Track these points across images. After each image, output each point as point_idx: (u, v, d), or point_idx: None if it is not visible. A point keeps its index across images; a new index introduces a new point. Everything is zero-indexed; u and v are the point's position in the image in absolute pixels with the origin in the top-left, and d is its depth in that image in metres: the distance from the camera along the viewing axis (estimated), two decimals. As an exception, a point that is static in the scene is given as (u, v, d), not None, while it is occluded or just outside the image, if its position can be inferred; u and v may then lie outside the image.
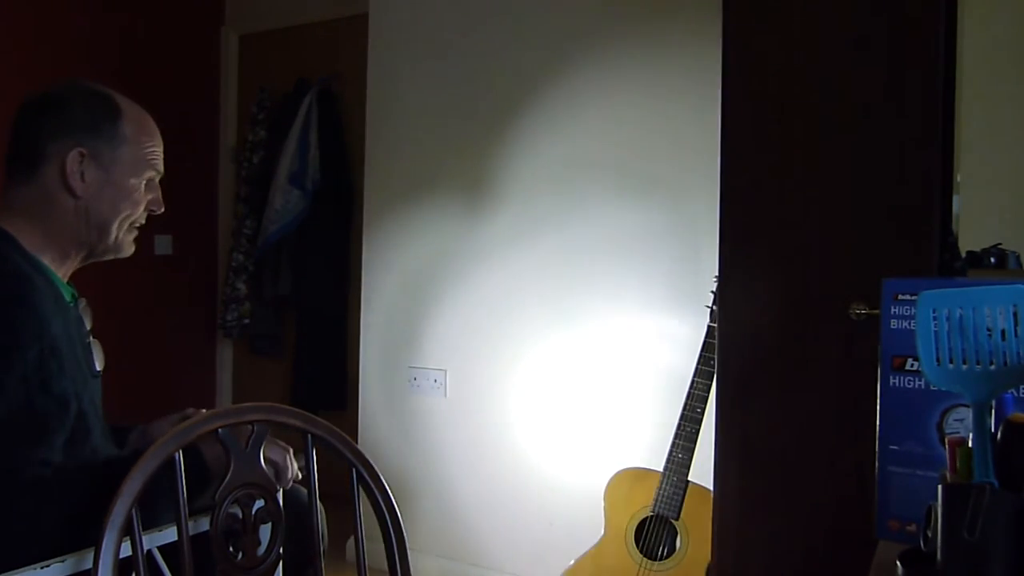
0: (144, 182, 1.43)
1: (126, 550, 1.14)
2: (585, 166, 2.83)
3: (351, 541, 3.17)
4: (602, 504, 2.40)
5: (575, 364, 2.85)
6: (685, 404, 2.30)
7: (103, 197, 1.39)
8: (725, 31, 2.03)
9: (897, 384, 1.04)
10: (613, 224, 2.78)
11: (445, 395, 3.10)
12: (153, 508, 1.21)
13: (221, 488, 1.21)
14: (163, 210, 1.48)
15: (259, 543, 1.26)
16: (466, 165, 3.07)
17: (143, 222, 1.47)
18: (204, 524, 1.23)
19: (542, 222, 2.91)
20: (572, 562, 2.42)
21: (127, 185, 1.41)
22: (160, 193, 1.47)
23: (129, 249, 1.47)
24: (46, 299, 1.30)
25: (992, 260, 1.80)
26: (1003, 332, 0.80)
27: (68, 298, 1.40)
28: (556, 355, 2.88)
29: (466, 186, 3.07)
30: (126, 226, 1.44)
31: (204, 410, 1.51)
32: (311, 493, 1.33)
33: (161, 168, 1.46)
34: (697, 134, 2.57)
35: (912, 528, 1.01)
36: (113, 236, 1.42)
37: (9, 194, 1.38)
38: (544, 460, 2.90)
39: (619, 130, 2.78)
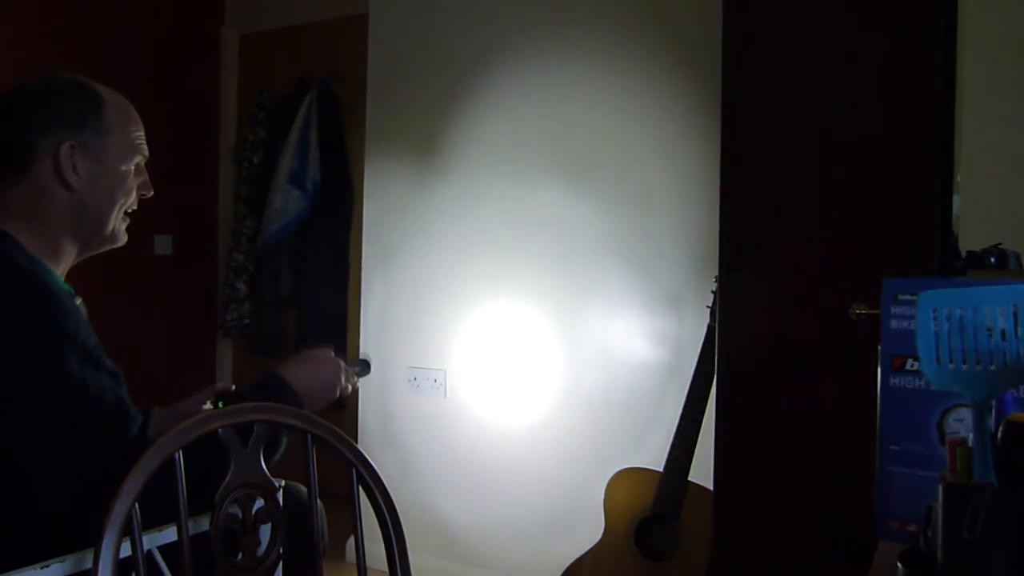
0: (133, 167, 1.44)
1: (126, 550, 1.14)
2: (587, 167, 2.83)
3: (351, 541, 3.17)
4: (602, 504, 2.40)
5: (575, 364, 2.85)
6: (685, 404, 2.30)
7: (98, 188, 1.39)
8: (725, 30, 2.03)
9: (897, 384, 1.04)
10: (613, 226, 2.78)
11: (445, 395, 3.10)
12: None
13: (221, 488, 1.21)
14: (153, 193, 1.49)
15: (259, 543, 1.26)
16: (468, 165, 3.07)
17: (135, 207, 1.47)
18: (204, 524, 1.23)
19: (541, 225, 2.91)
20: (572, 562, 2.42)
21: (119, 173, 1.41)
22: (147, 176, 1.48)
23: (123, 238, 1.47)
24: (64, 293, 1.32)
25: (992, 260, 1.80)
26: (1003, 332, 0.80)
27: None
28: (556, 355, 2.88)
29: (468, 186, 3.06)
30: (122, 214, 1.45)
31: (234, 386, 1.55)
32: (311, 493, 1.33)
33: (147, 151, 1.46)
34: (697, 135, 2.57)
35: (912, 528, 1.01)
36: (111, 227, 1.43)
37: (1, 195, 1.38)
38: (544, 460, 2.90)
39: (619, 132, 2.78)
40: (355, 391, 1.53)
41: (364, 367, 1.57)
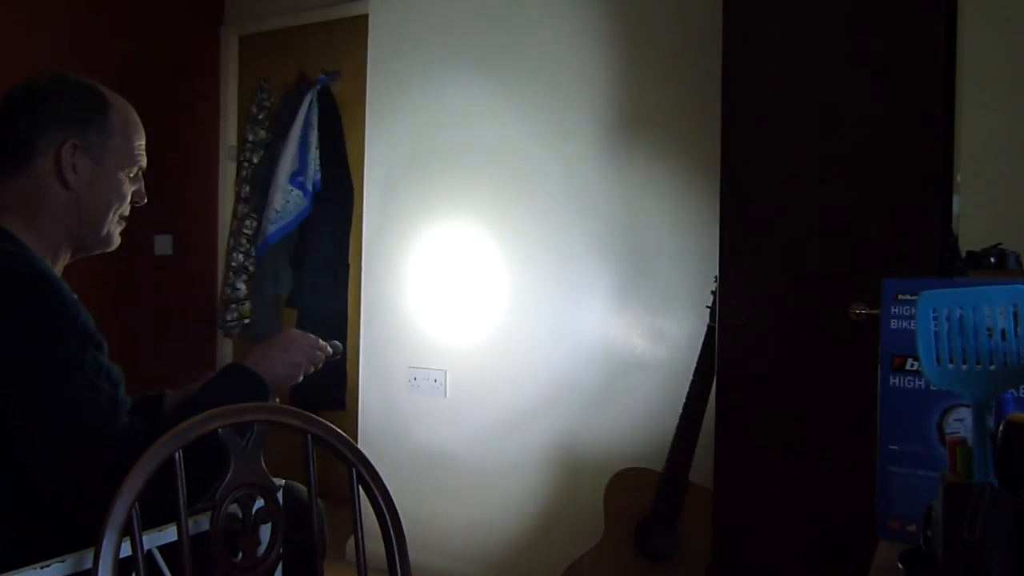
0: (131, 175, 1.45)
1: (126, 550, 1.14)
2: (587, 168, 2.83)
3: (351, 541, 3.17)
4: (602, 504, 2.40)
5: (576, 364, 2.85)
6: (685, 404, 2.30)
7: (94, 189, 1.40)
8: (725, 32, 2.03)
9: (897, 384, 1.04)
10: (612, 226, 2.78)
11: (445, 395, 3.10)
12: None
13: (221, 488, 1.21)
14: (146, 201, 1.50)
15: (259, 543, 1.26)
16: (468, 165, 3.07)
17: (127, 213, 1.48)
18: (204, 524, 1.23)
19: (540, 226, 2.91)
20: (572, 562, 2.42)
21: (116, 178, 1.43)
22: (143, 185, 1.49)
23: (116, 241, 1.48)
24: (61, 280, 1.33)
25: (992, 260, 1.80)
26: (1003, 332, 0.80)
27: None
28: (557, 355, 2.88)
29: (468, 187, 3.06)
30: (116, 219, 1.45)
31: None
32: (311, 493, 1.33)
33: (145, 162, 1.48)
34: (696, 129, 2.58)
35: (912, 528, 1.01)
36: (105, 229, 1.44)
37: None
38: (544, 460, 2.90)
39: (618, 131, 2.78)
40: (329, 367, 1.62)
41: (336, 349, 1.63)
